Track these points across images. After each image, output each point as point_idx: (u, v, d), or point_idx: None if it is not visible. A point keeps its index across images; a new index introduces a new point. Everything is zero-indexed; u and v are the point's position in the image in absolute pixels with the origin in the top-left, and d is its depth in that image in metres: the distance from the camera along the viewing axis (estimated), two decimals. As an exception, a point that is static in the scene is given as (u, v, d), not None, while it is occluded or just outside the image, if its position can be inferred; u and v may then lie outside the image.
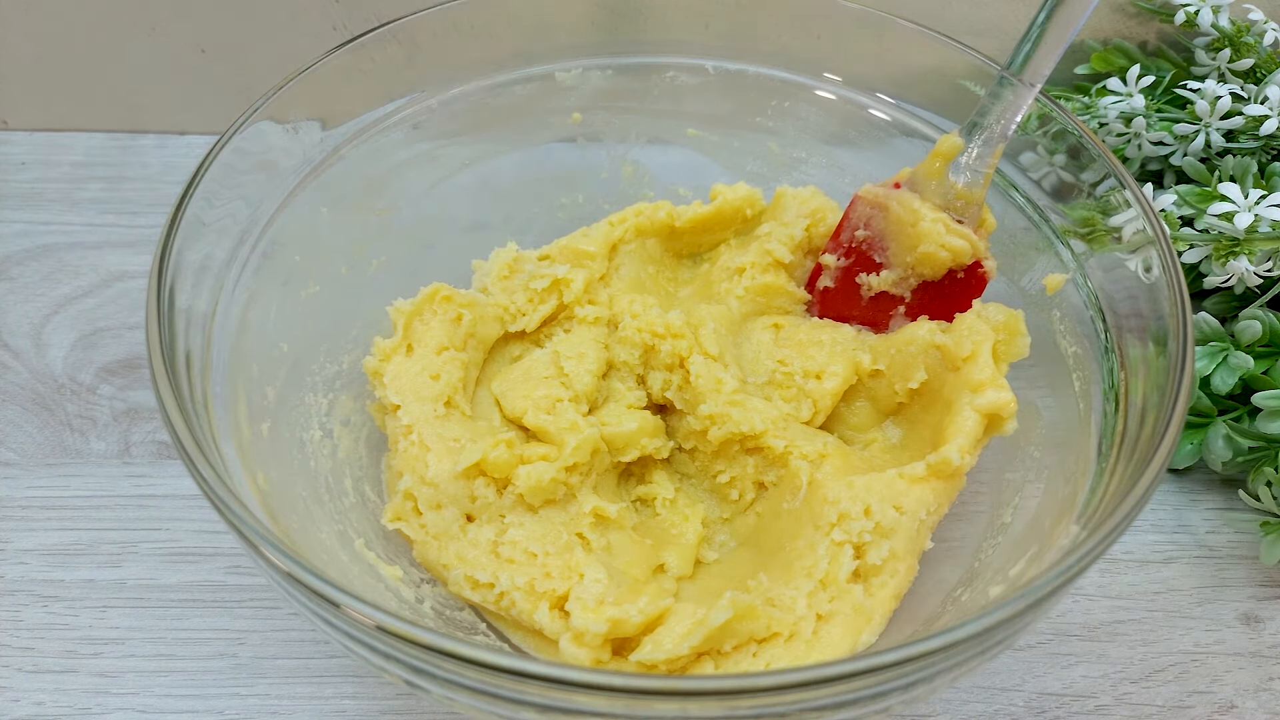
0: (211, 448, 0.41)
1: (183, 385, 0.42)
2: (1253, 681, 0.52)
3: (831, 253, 0.56)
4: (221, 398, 0.45)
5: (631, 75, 0.59)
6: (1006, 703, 0.51)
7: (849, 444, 0.54)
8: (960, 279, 0.52)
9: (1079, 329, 0.51)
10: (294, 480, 0.48)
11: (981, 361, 0.49)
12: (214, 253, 0.48)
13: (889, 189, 0.53)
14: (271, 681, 0.51)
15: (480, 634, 0.48)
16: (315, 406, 0.52)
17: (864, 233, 0.54)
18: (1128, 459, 0.42)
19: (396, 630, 0.34)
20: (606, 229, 0.59)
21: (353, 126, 0.55)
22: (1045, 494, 0.48)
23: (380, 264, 0.57)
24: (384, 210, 0.57)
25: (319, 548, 0.45)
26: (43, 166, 0.75)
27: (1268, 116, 0.63)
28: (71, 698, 0.50)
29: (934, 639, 0.34)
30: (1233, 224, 0.57)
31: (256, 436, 0.47)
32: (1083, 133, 0.51)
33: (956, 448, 0.47)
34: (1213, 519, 0.58)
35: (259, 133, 0.50)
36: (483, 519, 0.49)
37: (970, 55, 0.54)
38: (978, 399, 0.49)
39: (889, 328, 0.55)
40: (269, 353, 0.50)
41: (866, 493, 0.47)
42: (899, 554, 0.46)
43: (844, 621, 0.45)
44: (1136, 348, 0.47)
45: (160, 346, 0.41)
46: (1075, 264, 0.52)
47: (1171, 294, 0.45)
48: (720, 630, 0.43)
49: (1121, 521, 0.37)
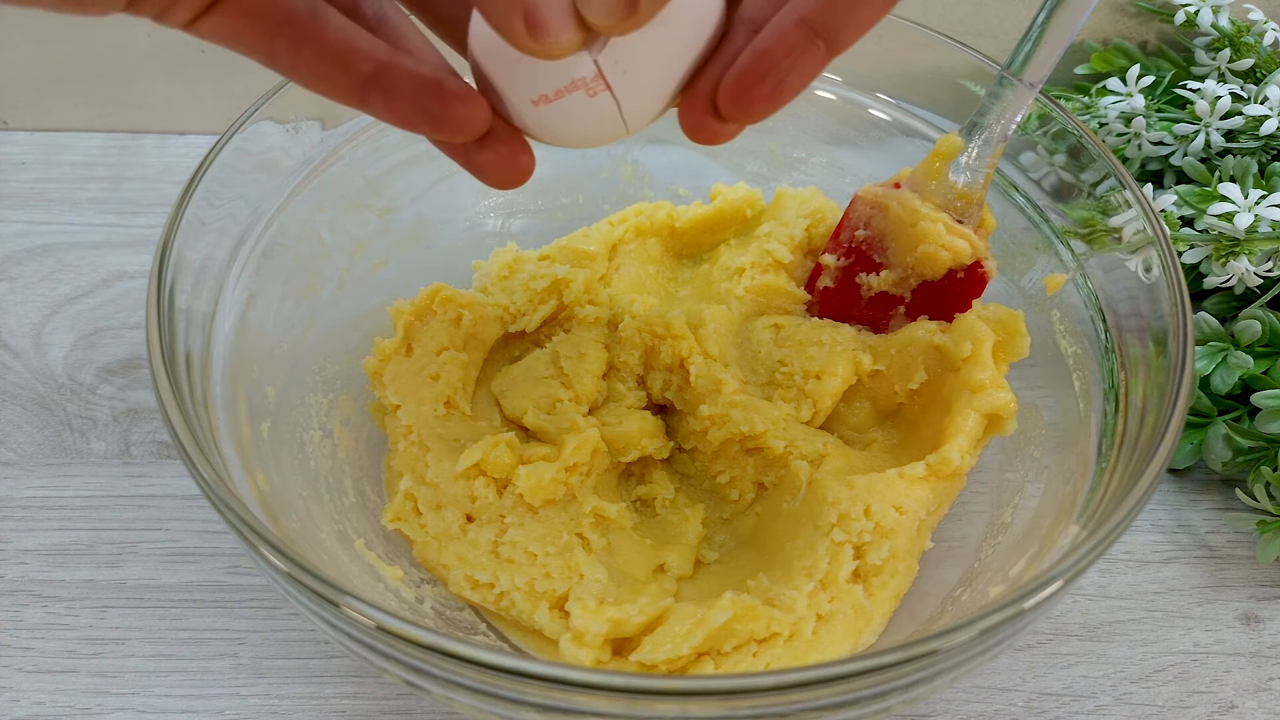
0: (212, 448, 0.41)
1: (183, 385, 0.42)
2: (1253, 681, 0.52)
3: (831, 253, 0.56)
4: (221, 398, 0.45)
5: None
6: (1006, 703, 0.51)
7: (849, 444, 0.54)
8: (960, 279, 0.52)
9: (1079, 329, 0.51)
10: (294, 480, 0.48)
11: (981, 362, 0.49)
12: (214, 253, 0.48)
13: (889, 189, 0.53)
14: (271, 681, 0.51)
15: (480, 634, 0.48)
16: (315, 406, 0.52)
17: (864, 233, 0.54)
18: (1128, 459, 0.42)
19: (396, 630, 0.34)
20: (606, 229, 0.59)
21: (352, 126, 0.55)
22: (1045, 494, 0.48)
23: (380, 264, 0.57)
24: (384, 210, 0.57)
25: (319, 548, 0.45)
26: (43, 166, 0.75)
27: (1268, 116, 0.63)
28: (71, 698, 0.50)
29: (934, 639, 0.34)
30: (1233, 224, 0.57)
31: (256, 436, 0.47)
32: (1083, 133, 0.51)
33: (957, 448, 0.47)
34: (1213, 519, 0.58)
35: (259, 133, 0.50)
36: (483, 519, 0.49)
37: (970, 55, 0.54)
38: (977, 399, 0.49)
39: (889, 328, 0.55)
40: (269, 352, 0.50)
41: (867, 493, 0.47)
42: (899, 554, 0.46)
43: (844, 622, 0.45)
44: (1136, 348, 0.47)
45: (160, 346, 0.41)
46: (1075, 264, 0.52)
47: (1171, 294, 0.45)
48: (720, 630, 0.43)
49: (1122, 521, 0.37)
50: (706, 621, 0.43)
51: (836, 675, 0.33)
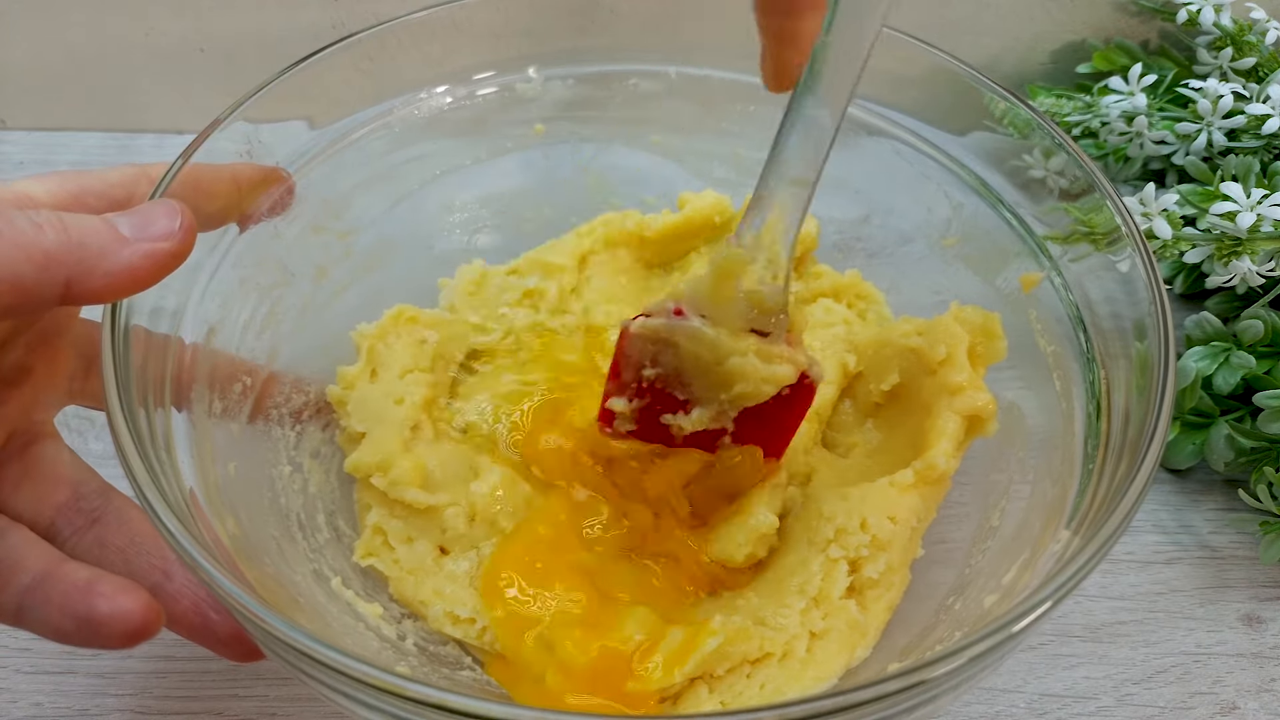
0: (178, 497, 0.39)
1: (142, 429, 0.39)
2: (1255, 682, 0.52)
3: (618, 395, 0.48)
4: (184, 439, 0.43)
5: (593, 84, 0.58)
6: (1008, 704, 0.51)
7: (832, 447, 0.53)
8: (787, 395, 0.45)
9: (1057, 329, 0.50)
10: (265, 520, 0.46)
11: (958, 364, 0.48)
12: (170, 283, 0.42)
13: (669, 320, 0.44)
14: (269, 683, 0.50)
15: (466, 668, 0.47)
16: (283, 440, 0.50)
17: (652, 370, 0.46)
18: (1115, 461, 0.41)
19: (377, 682, 0.31)
20: (574, 240, 0.58)
21: (308, 147, 0.53)
22: (1033, 496, 0.47)
23: (343, 287, 0.55)
24: (344, 233, 0.55)
25: (295, 592, 0.43)
26: (41, 166, 0.75)
27: (1270, 115, 0.63)
28: (70, 699, 0.49)
29: (938, 664, 0.33)
30: (1235, 223, 0.57)
31: (224, 477, 0.45)
32: (1055, 132, 0.50)
33: (941, 452, 0.47)
34: (1214, 520, 0.58)
35: (215, 152, 0.47)
36: (456, 550, 0.48)
37: (937, 56, 0.52)
38: (956, 401, 0.48)
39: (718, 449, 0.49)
40: (233, 387, 0.48)
41: (861, 504, 0.46)
42: (895, 566, 0.46)
43: (838, 638, 0.44)
44: (1116, 347, 0.46)
45: (118, 391, 0.38)
46: (1050, 264, 0.50)
47: (1150, 293, 0.43)
48: (713, 655, 0.42)
49: (1115, 532, 0.36)
50: (698, 647, 0.42)
51: (836, 708, 0.31)
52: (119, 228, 0.35)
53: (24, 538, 0.39)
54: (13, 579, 0.37)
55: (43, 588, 0.37)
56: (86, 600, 0.37)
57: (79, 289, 0.34)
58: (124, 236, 0.35)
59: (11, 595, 0.37)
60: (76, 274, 0.34)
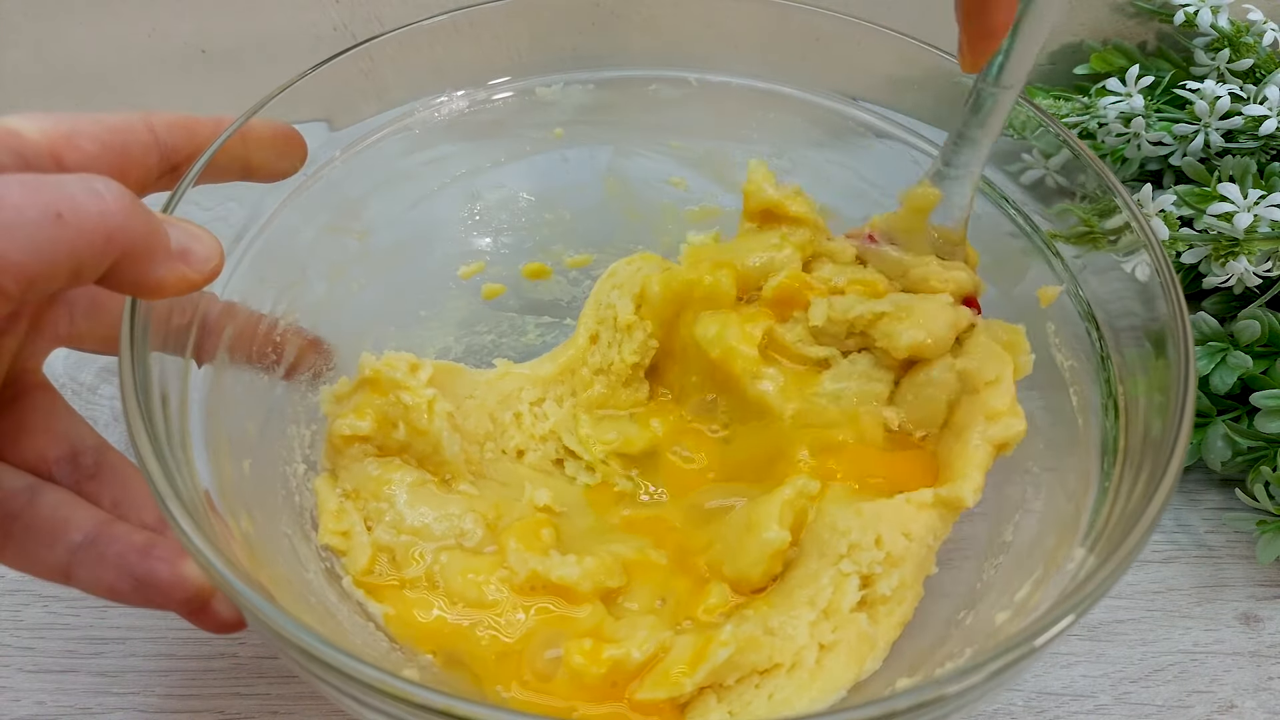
0: (195, 497, 0.38)
1: (159, 429, 0.39)
2: (1252, 681, 0.52)
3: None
4: (200, 437, 0.43)
5: (613, 89, 0.58)
6: (1006, 702, 0.51)
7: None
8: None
9: (1073, 340, 0.50)
10: (278, 518, 0.47)
11: (1004, 388, 0.47)
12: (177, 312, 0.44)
13: (863, 243, 0.53)
14: (271, 681, 0.51)
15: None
16: (298, 439, 0.51)
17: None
18: (1132, 479, 0.41)
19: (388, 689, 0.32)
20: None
21: (342, 138, 0.54)
22: (1046, 511, 0.47)
23: (360, 286, 0.55)
24: (362, 233, 0.56)
25: (307, 591, 0.44)
26: (43, 166, 0.75)
27: (1267, 117, 0.63)
28: (72, 697, 0.50)
29: (951, 682, 0.33)
30: (1232, 224, 0.57)
31: (238, 474, 0.45)
32: (1068, 138, 0.50)
33: (971, 486, 0.45)
34: (1212, 519, 0.58)
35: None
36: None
37: (948, 60, 0.52)
38: (991, 429, 0.47)
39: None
40: (249, 385, 0.49)
41: (876, 520, 0.45)
42: (908, 582, 0.45)
43: (848, 650, 0.44)
44: (1134, 356, 0.46)
45: (135, 392, 0.38)
46: (1067, 273, 0.50)
47: (1168, 299, 0.43)
48: (723, 665, 0.42)
49: (1136, 546, 0.36)
50: (709, 657, 0.42)
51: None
52: (169, 236, 0.35)
53: (65, 497, 0.39)
54: (62, 536, 0.37)
55: (95, 546, 0.37)
56: (145, 563, 0.37)
57: (108, 278, 0.33)
58: (169, 248, 0.35)
59: (61, 553, 0.37)
60: (120, 265, 0.33)
